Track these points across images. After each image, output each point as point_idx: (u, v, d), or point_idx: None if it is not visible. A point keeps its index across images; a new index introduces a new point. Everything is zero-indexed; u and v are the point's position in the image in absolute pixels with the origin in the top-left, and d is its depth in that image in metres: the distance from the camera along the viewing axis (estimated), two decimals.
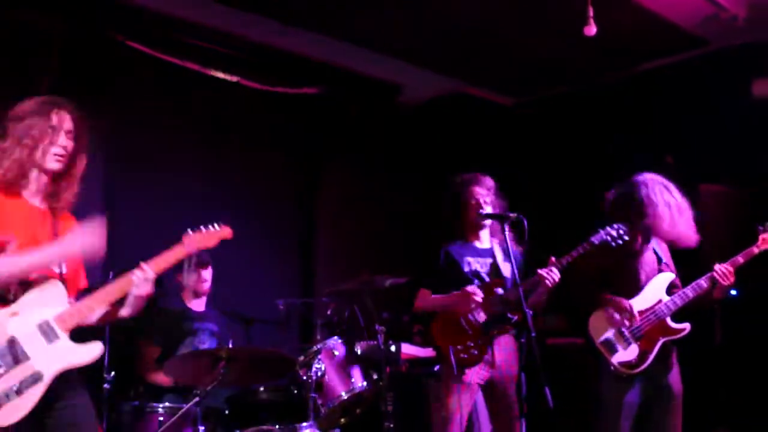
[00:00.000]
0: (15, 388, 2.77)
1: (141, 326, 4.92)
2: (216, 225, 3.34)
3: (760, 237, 4.24)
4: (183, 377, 4.33)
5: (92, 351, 2.97)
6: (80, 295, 3.17)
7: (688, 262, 4.48)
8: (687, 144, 6.33)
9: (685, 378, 4.40)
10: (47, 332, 2.90)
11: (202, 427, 4.21)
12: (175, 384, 4.71)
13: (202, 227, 3.30)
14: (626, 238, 4.16)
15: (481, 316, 4.19)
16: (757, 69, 6.07)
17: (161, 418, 4.40)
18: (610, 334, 4.30)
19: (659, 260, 4.43)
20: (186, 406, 4.12)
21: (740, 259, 4.23)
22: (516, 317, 4.21)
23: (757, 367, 5.68)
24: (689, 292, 4.26)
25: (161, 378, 4.80)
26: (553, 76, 7.15)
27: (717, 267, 4.20)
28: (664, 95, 6.62)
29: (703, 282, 4.24)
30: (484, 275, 4.34)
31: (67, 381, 2.94)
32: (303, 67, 6.61)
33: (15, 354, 2.81)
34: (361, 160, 7.25)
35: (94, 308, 3.02)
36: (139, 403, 4.57)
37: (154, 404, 4.56)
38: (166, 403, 4.58)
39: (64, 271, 3.06)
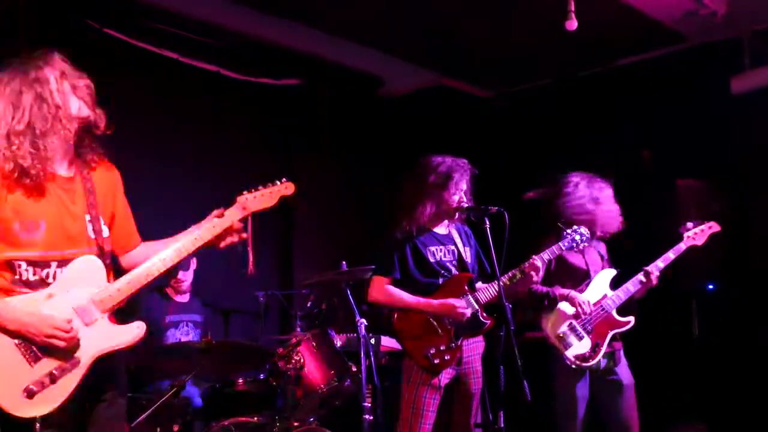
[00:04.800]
0: (50, 375, 2.60)
1: (123, 319, 4.86)
2: (279, 182, 3.05)
3: (684, 236, 4.57)
4: (161, 369, 4.31)
5: (133, 332, 2.78)
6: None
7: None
8: (664, 139, 6.38)
9: (662, 371, 4.47)
10: (84, 315, 2.70)
11: (181, 419, 4.20)
12: (153, 374, 4.68)
13: (260, 186, 3.01)
14: (587, 243, 4.30)
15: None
16: (735, 65, 6.11)
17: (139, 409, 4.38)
18: (563, 328, 4.43)
19: (601, 257, 4.60)
20: (164, 398, 4.10)
21: (671, 254, 4.53)
22: (488, 322, 4.18)
23: (733, 360, 5.75)
24: (630, 286, 4.51)
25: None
26: (533, 70, 7.18)
27: (653, 264, 4.49)
28: (642, 90, 6.65)
29: (641, 276, 4.50)
30: (450, 266, 4.24)
31: (110, 373, 2.77)
32: (284, 58, 6.57)
33: None
34: (340, 152, 7.23)
35: (136, 287, 2.78)
36: None
37: (133, 395, 4.54)
38: (144, 395, 4.56)
39: (105, 235, 2.84)
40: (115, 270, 2.90)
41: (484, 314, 4.17)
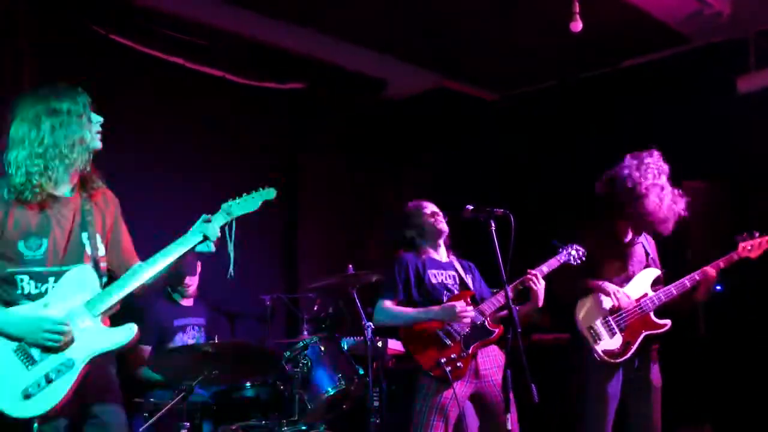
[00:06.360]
0: (45, 377, 2.80)
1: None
2: (261, 188, 3.30)
3: (740, 245, 4.39)
4: (170, 373, 4.31)
5: (125, 333, 2.95)
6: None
7: (673, 257, 4.54)
8: (669, 140, 6.36)
9: (669, 371, 4.45)
10: (78, 318, 2.89)
11: (188, 423, 4.19)
12: (165, 380, 4.68)
13: (244, 193, 3.24)
14: (584, 259, 4.26)
15: (463, 328, 4.14)
16: (740, 65, 6.10)
17: (147, 413, 4.38)
18: (596, 322, 4.37)
19: (647, 255, 4.50)
20: (172, 402, 4.10)
21: (721, 263, 4.37)
22: (497, 330, 4.19)
23: (739, 361, 5.74)
24: (673, 289, 4.38)
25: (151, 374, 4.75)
26: (536, 71, 7.17)
27: (701, 269, 4.33)
28: (647, 91, 6.65)
29: (687, 281, 4.36)
30: (452, 287, 4.29)
31: (104, 382, 2.98)
32: (288, 62, 6.58)
33: None
34: (345, 155, 7.23)
35: (126, 290, 2.97)
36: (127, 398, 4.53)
37: (141, 400, 4.54)
38: (152, 399, 4.56)
39: (101, 253, 3.05)
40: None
41: (492, 323, 4.18)
